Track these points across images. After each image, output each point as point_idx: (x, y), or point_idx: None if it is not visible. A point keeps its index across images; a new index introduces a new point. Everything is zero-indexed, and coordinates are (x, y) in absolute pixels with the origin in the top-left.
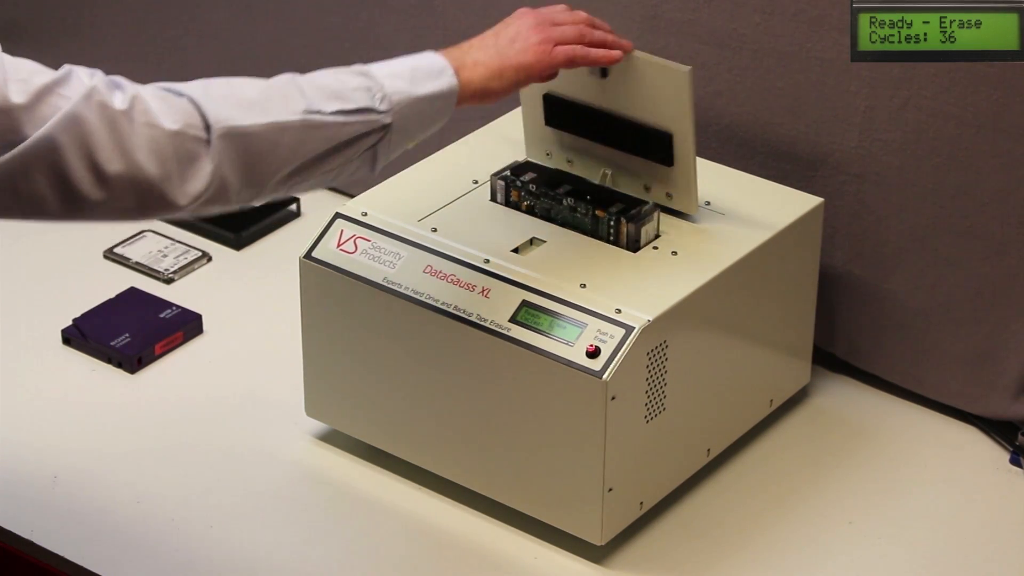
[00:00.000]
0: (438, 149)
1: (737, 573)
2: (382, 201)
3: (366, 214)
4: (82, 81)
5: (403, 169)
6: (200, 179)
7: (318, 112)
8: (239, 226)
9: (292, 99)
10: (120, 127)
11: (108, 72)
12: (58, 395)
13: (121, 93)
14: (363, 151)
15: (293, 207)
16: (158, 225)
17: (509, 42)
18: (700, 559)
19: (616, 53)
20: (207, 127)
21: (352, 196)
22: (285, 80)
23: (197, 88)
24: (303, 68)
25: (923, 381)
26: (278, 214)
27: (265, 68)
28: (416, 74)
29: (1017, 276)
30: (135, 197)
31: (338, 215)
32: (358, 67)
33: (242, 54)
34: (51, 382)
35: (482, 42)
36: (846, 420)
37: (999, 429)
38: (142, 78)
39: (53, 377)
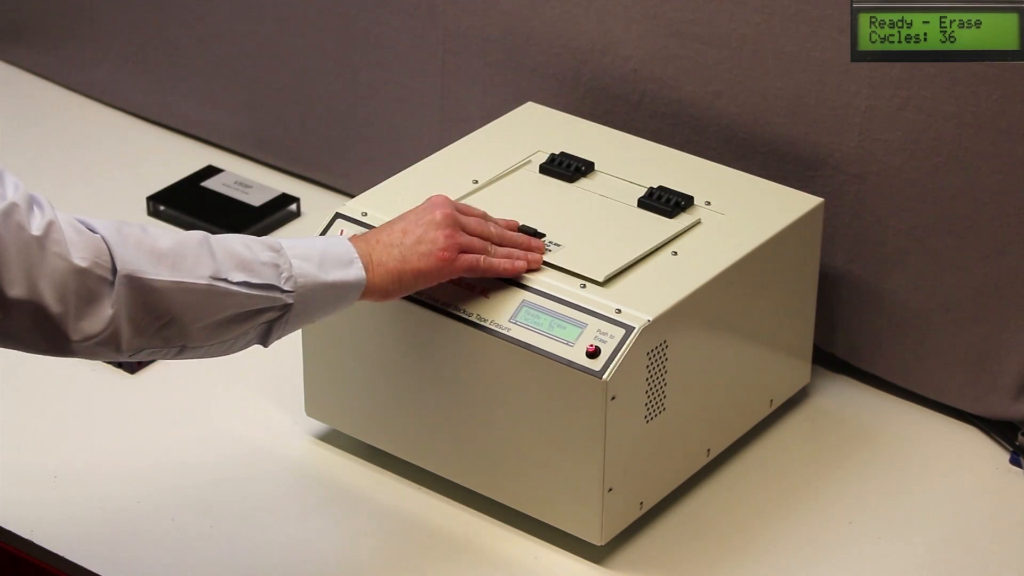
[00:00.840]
0: (438, 149)
1: (737, 573)
2: (382, 201)
3: (366, 214)
4: (4, 193)
5: (403, 169)
6: (97, 321)
7: (224, 280)
8: (239, 226)
9: (202, 261)
10: (31, 252)
11: (108, 72)
12: (58, 395)
13: (39, 215)
14: (259, 325)
15: (293, 207)
16: (158, 225)
17: (415, 244)
18: (700, 559)
19: (521, 264)
20: (113, 271)
21: (352, 196)
22: (199, 239)
23: (111, 229)
24: (303, 68)
25: (923, 381)
26: (278, 214)
27: (265, 68)
28: (325, 260)
29: (1017, 276)
30: (31, 324)
31: (338, 215)
32: (271, 240)
33: (242, 54)
34: (51, 382)
35: (390, 238)
36: (846, 420)
37: (999, 429)
38: (142, 78)
39: (53, 377)
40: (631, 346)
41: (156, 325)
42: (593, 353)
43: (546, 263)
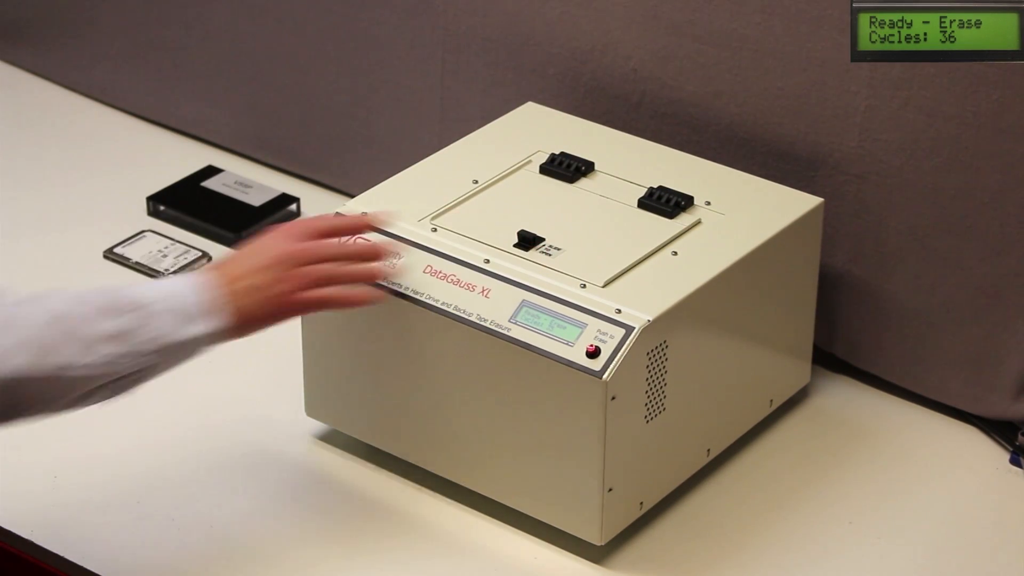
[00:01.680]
0: (438, 149)
1: (737, 573)
2: (382, 201)
3: (366, 214)
4: None
5: (403, 169)
6: None
7: (83, 366)
8: (239, 226)
9: (57, 349)
10: None
11: (108, 72)
12: None
13: None
14: (109, 387)
15: (293, 207)
16: (158, 225)
17: (246, 292)
18: (700, 559)
19: (379, 294)
20: None
21: (352, 196)
22: (57, 315)
23: None
24: (303, 68)
25: (923, 381)
26: (278, 214)
27: (265, 68)
28: (187, 313)
29: (1017, 276)
30: None
31: (338, 215)
32: (129, 298)
33: (242, 54)
34: None
35: (243, 281)
36: (846, 420)
37: (999, 429)
38: (142, 78)
39: None
40: (631, 346)
41: (14, 414)
42: (593, 353)
43: (546, 267)
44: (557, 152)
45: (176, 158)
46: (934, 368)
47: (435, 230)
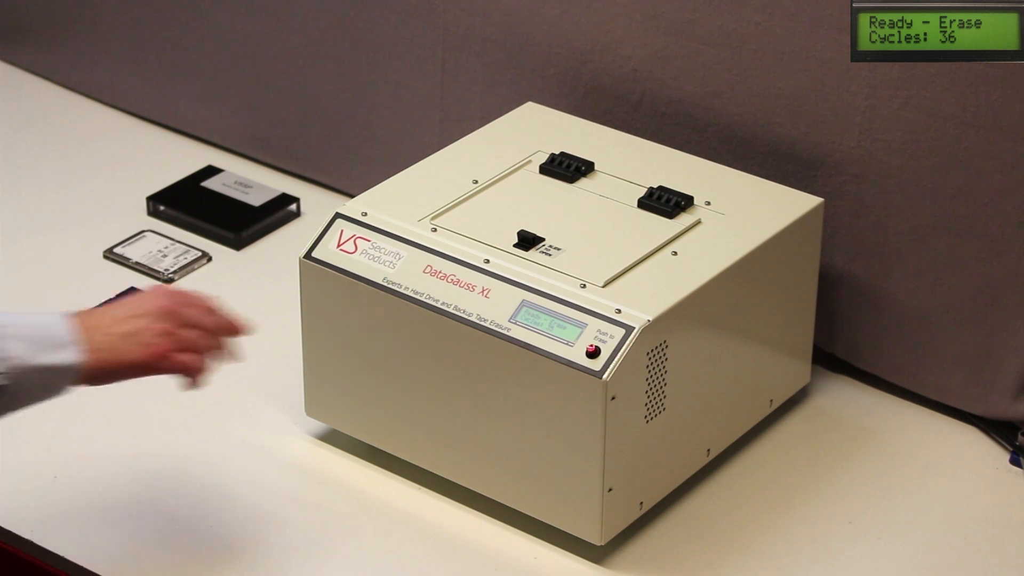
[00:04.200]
0: (438, 149)
1: (737, 573)
2: (382, 201)
3: (366, 214)
4: None
5: (403, 169)
6: None
7: None
8: (239, 226)
9: None
10: None
11: (108, 72)
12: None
13: None
14: None
15: (293, 207)
16: (158, 225)
17: (129, 336)
18: (700, 559)
19: (204, 371)
20: None
21: (352, 196)
22: None
23: None
24: (303, 68)
25: (923, 381)
26: (278, 214)
27: (265, 68)
28: (39, 341)
29: (1017, 276)
30: None
31: (338, 215)
32: None
33: (242, 54)
34: None
35: (108, 325)
36: (846, 420)
37: (999, 429)
38: (142, 78)
39: None
40: (631, 346)
41: None
42: (593, 353)
43: (546, 267)
44: (557, 152)
45: (176, 158)
46: (934, 368)
47: (435, 230)
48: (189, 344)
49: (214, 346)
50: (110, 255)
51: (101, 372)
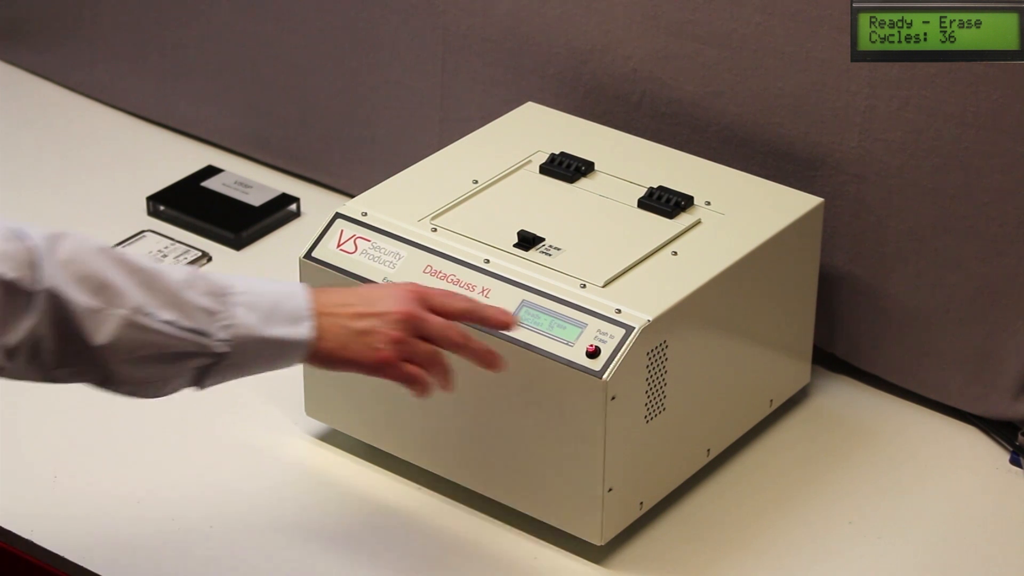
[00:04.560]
0: (438, 149)
1: (737, 573)
2: (382, 201)
3: (366, 214)
4: None
5: (403, 169)
6: (17, 332)
7: (149, 315)
8: (239, 226)
9: (129, 291)
10: None
11: (108, 72)
12: (58, 395)
13: None
14: (189, 369)
15: (293, 207)
16: (158, 225)
17: (362, 334)
18: (700, 559)
19: (431, 391)
20: (37, 282)
21: (352, 196)
22: (137, 268)
23: (47, 240)
24: (303, 68)
25: (923, 381)
26: (278, 214)
27: (265, 68)
28: (274, 312)
29: (1017, 276)
30: None
31: (338, 215)
32: (222, 283)
33: (242, 54)
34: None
35: (347, 319)
36: (846, 420)
37: (999, 429)
38: (142, 78)
39: None
40: (631, 346)
41: (75, 348)
42: (593, 353)
43: (546, 267)
44: (557, 152)
45: (176, 158)
46: (934, 368)
47: (435, 230)
48: (420, 357)
49: (445, 368)
50: None
51: (324, 359)
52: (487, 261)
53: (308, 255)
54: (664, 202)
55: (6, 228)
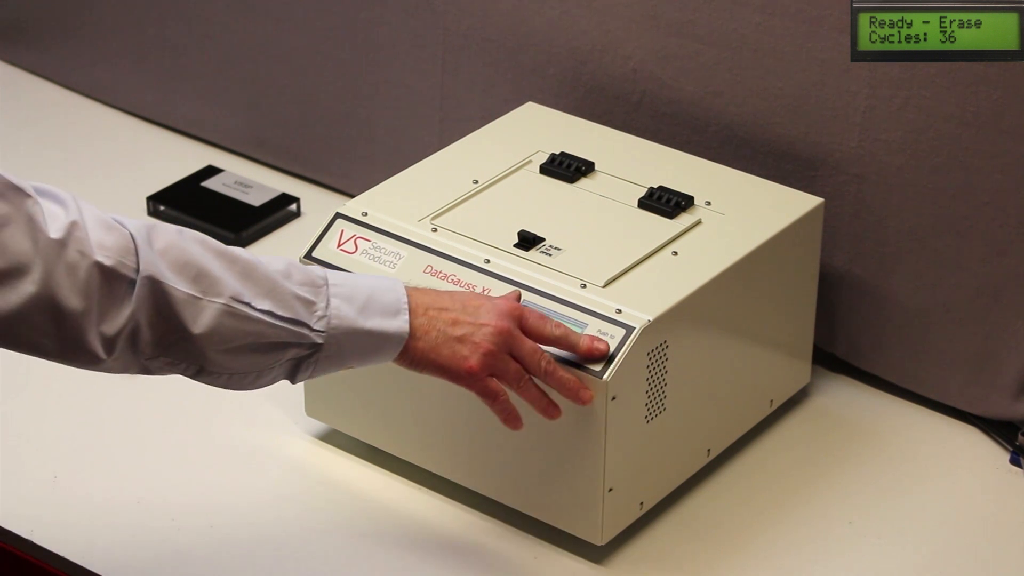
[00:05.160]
0: (438, 149)
1: (737, 573)
2: (382, 201)
3: (366, 214)
4: (22, 203)
5: (403, 169)
6: (117, 320)
7: (246, 304)
8: (239, 226)
9: (227, 280)
10: (49, 255)
11: (108, 72)
12: (58, 395)
13: (63, 216)
14: (285, 360)
15: (293, 207)
16: None
17: (455, 340)
18: (700, 559)
19: (517, 425)
20: (137, 270)
21: (352, 196)
22: (236, 257)
23: (143, 229)
24: (303, 68)
25: (923, 381)
26: (278, 214)
27: (265, 68)
28: (370, 304)
29: (1017, 276)
30: (48, 324)
31: (338, 215)
32: (319, 273)
33: (242, 54)
34: (52, 381)
35: (440, 316)
36: (846, 420)
37: (999, 429)
38: (142, 78)
39: (54, 376)
40: (631, 346)
41: (173, 336)
42: None
43: (546, 267)
44: (557, 152)
45: (176, 158)
46: (934, 368)
47: (435, 230)
48: (507, 375)
49: (531, 391)
50: None
51: (414, 358)
52: (487, 261)
53: (308, 255)
54: (664, 202)
55: (102, 217)
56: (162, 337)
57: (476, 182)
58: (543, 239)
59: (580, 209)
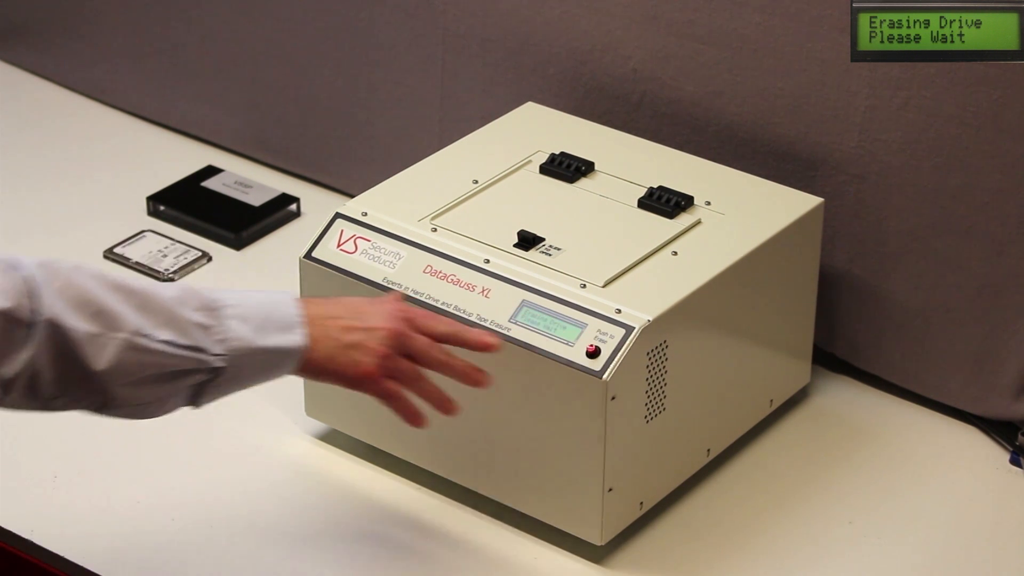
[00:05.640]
0: (438, 149)
1: (737, 573)
2: (382, 201)
3: (366, 214)
4: None
5: (403, 169)
6: (15, 364)
7: (146, 336)
8: (239, 226)
9: (125, 313)
10: None
11: (108, 72)
12: None
13: None
14: (186, 387)
15: (293, 207)
16: (158, 225)
17: (350, 347)
18: (700, 559)
19: (422, 422)
20: (36, 312)
21: (352, 196)
22: (129, 289)
23: (41, 269)
24: (303, 68)
25: (923, 381)
26: (278, 214)
27: (265, 68)
28: (267, 323)
29: (1017, 276)
30: None
31: (338, 215)
32: (213, 297)
33: (242, 54)
34: None
35: (336, 331)
36: (846, 420)
37: (999, 429)
38: (142, 78)
39: None
40: (631, 346)
41: (75, 375)
42: (593, 353)
43: (546, 267)
44: (557, 152)
45: (176, 158)
46: (934, 368)
47: (435, 230)
48: (403, 375)
49: (428, 390)
50: (110, 255)
51: (312, 369)
52: (487, 261)
53: (308, 255)
54: (664, 202)
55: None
56: (63, 376)
57: (476, 182)
58: (543, 239)
59: (580, 209)
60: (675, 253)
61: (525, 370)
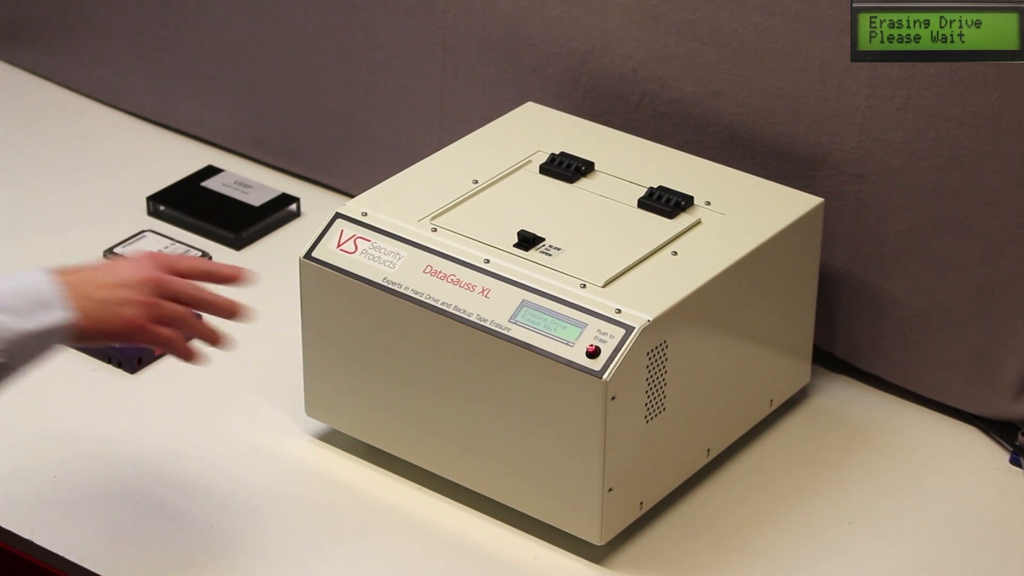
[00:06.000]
0: (438, 149)
1: (737, 573)
2: (382, 201)
3: (366, 214)
4: None
5: (403, 169)
6: None
7: None
8: (239, 226)
9: None
10: None
11: (108, 72)
12: (58, 395)
13: None
14: None
15: (293, 207)
16: (158, 225)
17: (112, 304)
18: (700, 559)
19: (198, 358)
20: None
21: (352, 196)
22: None
23: None
24: (303, 68)
25: (923, 381)
26: (278, 214)
27: (265, 68)
28: (27, 306)
29: (1017, 276)
30: None
31: (338, 215)
32: None
33: (242, 54)
34: (51, 381)
35: (94, 290)
36: (846, 420)
37: (999, 429)
38: (142, 78)
39: (53, 377)
40: (631, 346)
41: None
42: (593, 353)
43: (546, 267)
44: (557, 152)
45: (176, 158)
46: (934, 368)
47: (435, 230)
48: (170, 318)
49: (197, 326)
50: (110, 255)
51: (82, 336)
52: (487, 261)
53: (308, 255)
54: (664, 202)
55: None
56: None
57: (476, 182)
58: (543, 239)
59: (580, 209)
60: (675, 253)
61: (525, 370)
